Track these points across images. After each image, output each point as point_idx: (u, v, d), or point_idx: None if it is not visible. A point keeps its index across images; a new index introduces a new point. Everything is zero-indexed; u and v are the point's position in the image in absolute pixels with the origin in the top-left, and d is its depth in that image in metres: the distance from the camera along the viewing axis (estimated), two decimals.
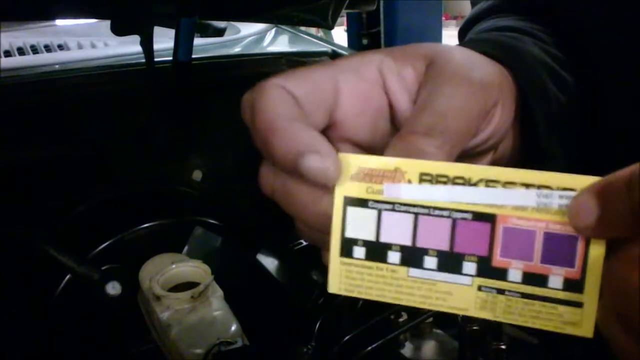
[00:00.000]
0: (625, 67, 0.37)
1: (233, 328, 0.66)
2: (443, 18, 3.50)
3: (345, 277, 0.25)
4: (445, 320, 0.73)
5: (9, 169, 0.78)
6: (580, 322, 0.22)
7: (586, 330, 0.22)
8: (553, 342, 0.57)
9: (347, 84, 0.28)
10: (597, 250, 0.22)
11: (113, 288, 0.74)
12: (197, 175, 0.94)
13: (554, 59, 0.36)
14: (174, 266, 0.73)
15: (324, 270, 0.26)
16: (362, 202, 0.25)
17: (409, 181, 0.24)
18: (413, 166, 0.24)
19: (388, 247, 0.24)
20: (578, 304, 0.22)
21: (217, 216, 0.90)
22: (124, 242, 0.83)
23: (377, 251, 0.25)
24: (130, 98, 0.89)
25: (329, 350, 0.67)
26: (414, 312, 0.70)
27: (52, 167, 0.82)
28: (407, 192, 0.24)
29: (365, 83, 0.28)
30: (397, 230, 0.24)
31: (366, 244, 0.25)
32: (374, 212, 0.24)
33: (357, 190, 0.25)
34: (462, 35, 0.46)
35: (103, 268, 0.75)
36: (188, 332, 0.65)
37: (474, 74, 0.28)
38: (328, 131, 0.28)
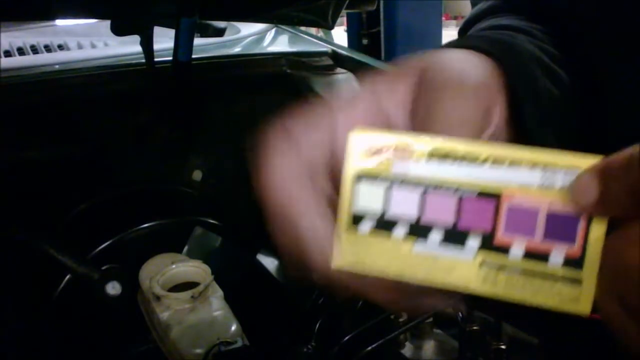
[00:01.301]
0: (624, 66, 0.37)
1: (233, 328, 0.66)
2: (443, 18, 3.50)
3: (350, 252, 0.25)
4: (445, 320, 0.73)
5: (9, 169, 0.78)
6: (578, 299, 0.23)
7: (584, 307, 0.23)
8: (552, 342, 0.57)
9: (343, 123, 0.28)
10: (598, 229, 0.22)
11: (113, 288, 0.74)
12: (197, 175, 0.94)
13: (550, 56, 0.36)
14: (174, 266, 0.73)
15: None
16: (371, 178, 0.25)
17: (418, 158, 0.24)
18: (422, 143, 0.24)
19: (394, 222, 0.25)
20: (577, 281, 0.23)
21: (217, 216, 0.90)
22: (124, 242, 0.83)
23: (383, 226, 0.25)
24: (130, 98, 0.89)
25: (329, 350, 0.67)
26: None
27: (52, 167, 0.82)
28: (416, 168, 0.24)
29: (359, 113, 0.28)
30: (404, 206, 0.24)
31: (373, 218, 0.25)
32: (382, 188, 0.25)
33: (366, 165, 0.25)
34: (462, 35, 0.46)
35: (103, 268, 0.75)
36: (188, 332, 0.65)
37: (469, 81, 0.28)
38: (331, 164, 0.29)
